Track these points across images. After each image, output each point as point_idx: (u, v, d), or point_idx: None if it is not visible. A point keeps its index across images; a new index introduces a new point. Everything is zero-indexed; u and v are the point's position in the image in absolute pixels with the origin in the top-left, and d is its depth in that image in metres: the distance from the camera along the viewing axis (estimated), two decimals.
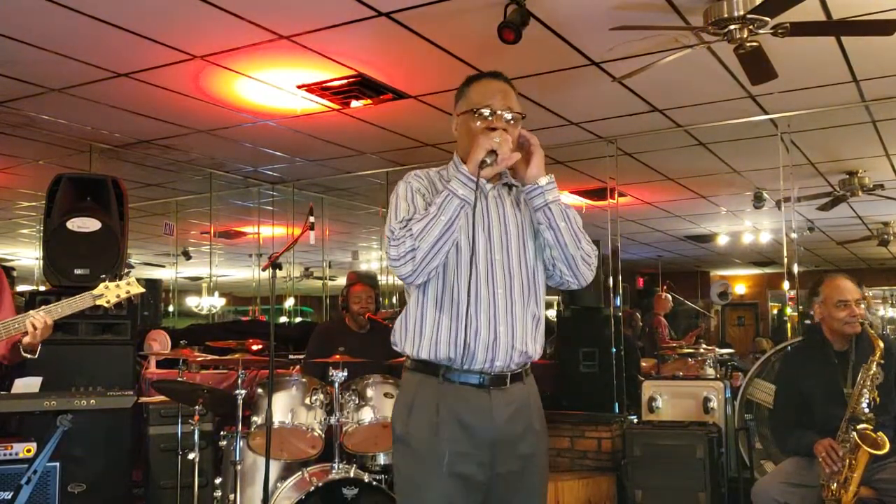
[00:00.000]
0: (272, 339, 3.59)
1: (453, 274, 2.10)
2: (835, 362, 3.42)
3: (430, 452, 2.04)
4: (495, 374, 2.09)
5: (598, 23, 4.02)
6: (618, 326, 6.14)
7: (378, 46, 4.46)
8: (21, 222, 10.19)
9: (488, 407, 2.07)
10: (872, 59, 4.64)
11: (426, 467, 2.05)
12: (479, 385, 2.09)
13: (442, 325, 2.09)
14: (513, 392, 2.12)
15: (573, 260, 2.15)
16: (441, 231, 2.00)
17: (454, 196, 2.01)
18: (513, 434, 2.09)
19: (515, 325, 2.10)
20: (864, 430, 3.16)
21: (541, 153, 2.15)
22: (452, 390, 2.08)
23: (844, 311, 3.39)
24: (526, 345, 2.12)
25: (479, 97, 2.17)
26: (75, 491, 4.05)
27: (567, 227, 2.13)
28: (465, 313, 2.05)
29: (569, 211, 2.15)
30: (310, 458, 3.78)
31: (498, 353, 2.07)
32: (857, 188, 7.54)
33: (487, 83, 2.21)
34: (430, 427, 2.05)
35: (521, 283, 2.14)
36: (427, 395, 2.09)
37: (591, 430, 5.77)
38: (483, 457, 2.06)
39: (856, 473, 3.14)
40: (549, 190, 2.13)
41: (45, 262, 4.59)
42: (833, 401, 3.34)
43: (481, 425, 2.06)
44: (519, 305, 2.12)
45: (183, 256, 11.01)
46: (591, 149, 6.61)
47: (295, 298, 12.39)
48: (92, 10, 3.94)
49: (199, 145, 6.60)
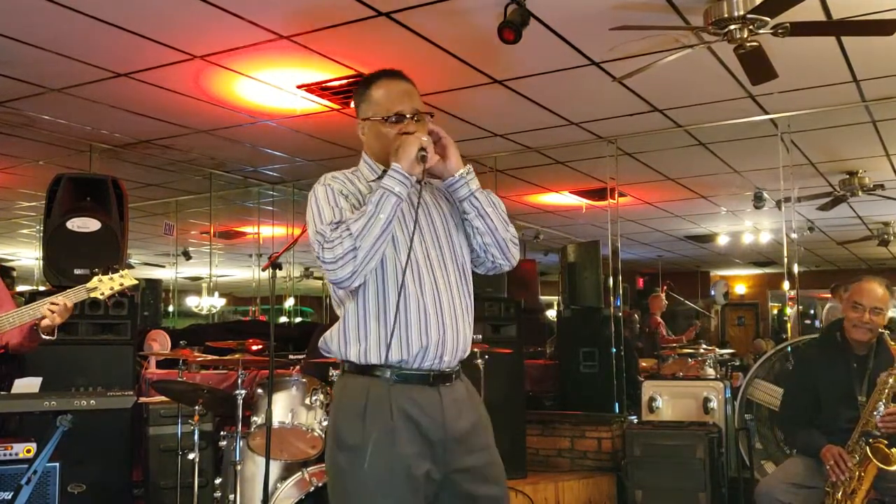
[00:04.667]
0: (272, 339, 3.59)
1: (394, 274, 2.06)
2: (854, 366, 3.40)
3: (392, 457, 1.98)
4: (442, 370, 2.08)
5: (598, 23, 4.02)
6: (618, 326, 6.14)
7: (378, 46, 4.46)
8: (21, 222, 10.19)
9: (439, 405, 2.06)
10: (872, 59, 4.64)
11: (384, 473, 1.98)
12: (430, 383, 2.07)
13: (388, 327, 2.03)
14: (457, 387, 2.13)
15: (504, 243, 2.17)
16: (381, 230, 1.97)
17: (391, 194, 1.99)
18: (464, 429, 2.08)
19: (458, 320, 2.10)
20: (878, 443, 3.15)
21: (454, 144, 2.15)
22: (403, 391, 2.04)
23: (855, 313, 3.38)
24: (466, 342, 2.13)
25: (385, 101, 2.18)
26: (75, 491, 4.04)
27: (494, 211, 2.14)
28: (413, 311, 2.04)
29: (492, 196, 2.16)
30: (310, 458, 3.78)
31: (446, 348, 2.07)
32: (858, 188, 7.54)
33: (389, 84, 2.22)
34: (386, 432, 1.99)
35: (457, 278, 2.14)
36: (378, 399, 2.02)
37: (592, 430, 5.77)
38: (437, 455, 2.03)
39: (863, 485, 3.13)
40: (471, 179, 2.13)
41: (45, 262, 4.59)
42: (844, 403, 3.33)
43: (434, 424, 2.04)
44: (458, 300, 2.12)
45: (183, 256, 11.00)
46: (591, 149, 6.61)
47: (295, 298, 12.37)
48: (92, 10, 3.94)
49: (199, 145, 6.60)
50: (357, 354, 2.07)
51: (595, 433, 5.76)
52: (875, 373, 3.29)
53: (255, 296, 12.90)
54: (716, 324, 14.10)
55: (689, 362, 7.12)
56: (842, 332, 3.51)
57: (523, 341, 5.77)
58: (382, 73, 2.26)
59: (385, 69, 2.27)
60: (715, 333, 13.71)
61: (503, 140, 6.43)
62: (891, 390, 3.19)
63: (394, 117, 2.16)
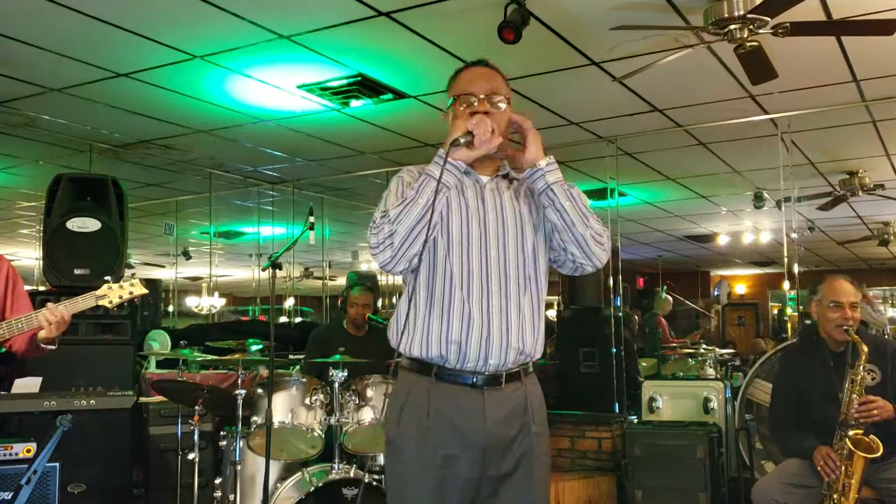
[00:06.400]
0: (272, 339, 3.59)
1: (444, 268, 2.03)
2: (831, 364, 3.41)
3: (420, 457, 2.00)
4: (489, 373, 2.03)
5: (598, 23, 4.03)
6: (618, 326, 6.14)
7: (378, 46, 4.46)
8: (21, 222, 10.19)
9: (480, 408, 2.01)
10: (872, 59, 4.64)
11: (415, 472, 2.01)
12: (472, 385, 2.02)
13: (433, 321, 2.03)
14: (508, 393, 2.05)
15: (583, 240, 2.04)
16: (419, 214, 1.94)
17: (430, 178, 1.97)
18: (506, 436, 2.02)
19: (510, 321, 2.03)
20: (856, 435, 3.16)
21: (536, 134, 2.09)
22: (443, 391, 2.02)
23: (837, 312, 3.37)
24: (523, 342, 2.04)
25: (464, 84, 2.15)
26: (75, 491, 4.05)
27: (572, 205, 2.03)
28: (458, 309, 2.00)
29: (573, 190, 2.05)
30: (310, 458, 3.78)
31: (492, 350, 2.00)
32: (858, 188, 7.54)
33: (471, 70, 2.18)
34: (419, 430, 2.01)
35: (518, 279, 2.06)
36: (418, 397, 2.04)
37: (592, 430, 5.77)
38: (474, 459, 2.00)
39: (853, 479, 3.13)
40: (550, 171, 2.05)
41: (45, 262, 4.59)
42: (830, 403, 3.32)
43: (473, 427, 2.00)
44: (514, 301, 2.04)
45: (183, 256, 11.00)
46: (591, 149, 6.61)
47: (295, 298, 12.38)
48: (92, 10, 3.94)
49: (199, 145, 6.60)
50: (404, 346, 2.08)
51: (595, 433, 5.75)
52: (851, 367, 3.31)
53: (255, 296, 12.90)
54: (716, 324, 14.09)
55: (689, 362, 7.13)
56: (817, 334, 3.52)
57: None
58: (471, 62, 2.23)
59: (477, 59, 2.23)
60: (715, 333, 13.71)
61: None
62: (862, 382, 3.21)
63: (466, 96, 2.12)
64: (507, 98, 2.14)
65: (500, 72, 2.19)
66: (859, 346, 3.24)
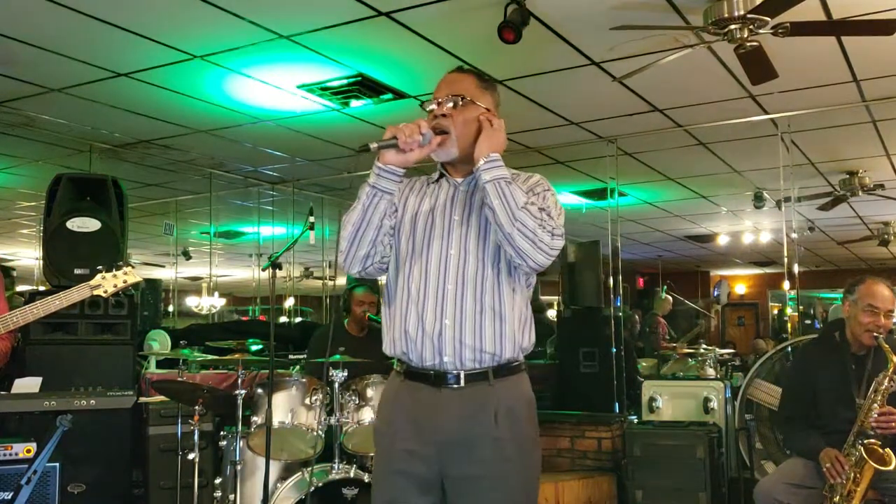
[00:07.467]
0: (272, 339, 3.59)
1: (405, 268, 2.11)
2: (852, 367, 3.37)
3: (386, 450, 2.10)
4: (446, 371, 2.03)
5: (598, 23, 4.02)
6: (618, 326, 6.14)
7: (378, 46, 4.46)
8: (21, 222, 10.19)
9: (438, 406, 2.03)
10: (872, 59, 4.64)
11: (382, 464, 2.13)
12: (432, 383, 2.05)
13: (396, 320, 2.10)
14: (468, 393, 2.03)
15: (510, 237, 1.96)
16: (357, 218, 2.05)
17: (365, 183, 2.07)
18: (464, 437, 2.00)
19: (464, 320, 2.02)
20: (871, 444, 3.13)
21: (491, 131, 2.05)
22: (409, 388, 2.09)
23: (870, 317, 3.30)
24: (481, 341, 2.02)
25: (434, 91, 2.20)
26: (75, 491, 4.05)
27: (501, 203, 1.95)
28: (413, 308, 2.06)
29: (507, 188, 1.97)
30: (310, 458, 3.78)
31: (445, 348, 2.01)
32: (858, 188, 7.54)
33: (442, 78, 2.23)
34: (387, 424, 2.12)
35: (477, 279, 2.05)
36: (389, 392, 2.17)
37: (592, 430, 5.77)
38: (432, 456, 2.01)
39: (860, 487, 3.11)
40: (486, 169, 2.00)
41: (45, 262, 4.59)
42: (843, 404, 3.30)
43: (430, 424, 2.02)
44: (471, 300, 2.03)
45: (183, 256, 11.00)
46: (591, 149, 6.61)
47: (295, 298, 12.37)
48: (92, 10, 3.94)
49: (199, 145, 6.60)
50: (384, 344, 2.17)
51: (595, 433, 5.75)
52: (873, 374, 3.27)
53: (255, 296, 12.90)
54: (716, 324, 14.09)
55: (689, 362, 7.13)
56: (841, 333, 3.48)
57: None
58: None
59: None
60: (715, 333, 13.71)
61: None
62: (885, 392, 3.18)
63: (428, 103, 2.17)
64: (462, 97, 2.11)
65: (478, 74, 2.21)
66: (889, 356, 3.18)
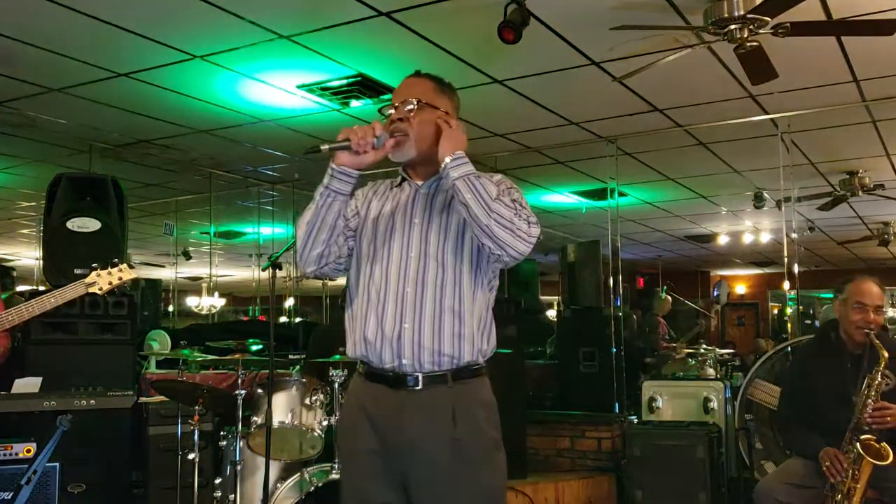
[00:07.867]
0: (272, 339, 3.59)
1: (365, 270, 2.11)
2: (848, 366, 3.38)
3: (349, 450, 2.14)
4: (405, 373, 2.03)
5: (598, 23, 4.02)
6: (618, 326, 6.14)
7: (378, 46, 4.46)
8: (21, 222, 10.19)
9: (397, 408, 2.03)
10: (872, 59, 4.64)
11: (345, 464, 2.19)
12: (390, 385, 2.05)
13: (356, 321, 2.10)
14: (426, 395, 2.03)
15: (489, 229, 1.95)
16: (311, 218, 2.07)
17: (320, 184, 2.09)
18: (424, 438, 2.00)
19: (423, 323, 2.02)
20: (868, 440, 3.14)
21: (451, 132, 2.07)
22: (370, 389, 2.09)
23: (860, 314, 3.34)
24: (440, 343, 2.02)
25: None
26: (75, 491, 4.04)
27: (474, 197, 1.96)
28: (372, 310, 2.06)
29: (477, 182, 1.98)
30: (310, 458, 3.78)
31: (403, 351, 2.01)
32: (858, 188, 7.54)
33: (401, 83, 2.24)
34: (350, 424, 2.14)
35: (437, 281, 2.04)
36: (352, 393, 2.17)
37: (591, 430, 5.77)
38: (394, 457, 2.03)
39: (860, 484, 3.12)
40: (455, 166, 2.00)
41: (45, 261, 4.60)
42: (841, 403, 3.31)
43: (391, 425, 2.02)
44: (430, 303, 2.03)
45: (183, 256, 11.00)
46: (591, 149, 6.60)
47: (295, 298, 12.37)
48: (92, 10, 3.94)
49: (199, 145, 6.60)
50: (347, 346, 2.16)
51: (595, 433, 5.75)
52: (869, 372, 3.28)
53: (255, 296, 12.89)
54: (716, 324, 14.09)
55: (689, 362, 7.12)
56: (836, 333, 3.50)
57: (523, 341, 5.77)
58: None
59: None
60: (715, 333, 13.70)
61: (503, 140, 6.43)
62: (879, 388, 3.20)
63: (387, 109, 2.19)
64: (419, 101, 2.12)
65: (435, 78, 2.22)
66: (880, 351, 3.21)
